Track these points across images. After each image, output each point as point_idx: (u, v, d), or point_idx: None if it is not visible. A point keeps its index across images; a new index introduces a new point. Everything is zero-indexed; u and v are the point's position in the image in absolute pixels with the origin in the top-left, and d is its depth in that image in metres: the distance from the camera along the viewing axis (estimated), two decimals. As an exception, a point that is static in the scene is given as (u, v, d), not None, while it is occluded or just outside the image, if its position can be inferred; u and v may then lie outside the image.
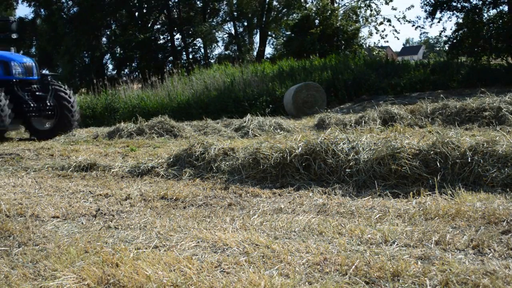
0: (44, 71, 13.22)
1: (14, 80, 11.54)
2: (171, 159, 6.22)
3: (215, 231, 3.50)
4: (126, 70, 36.33)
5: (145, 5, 35.06)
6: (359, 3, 28.74)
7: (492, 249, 2.89)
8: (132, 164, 6.42)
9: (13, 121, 11.29)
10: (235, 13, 36.09)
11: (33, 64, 12.14)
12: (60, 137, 11.57)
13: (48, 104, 11.99)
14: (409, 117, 9.82)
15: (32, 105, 11.62)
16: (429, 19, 21.03)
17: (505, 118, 8.65)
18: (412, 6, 27.98)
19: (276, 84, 16.92)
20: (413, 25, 22.70)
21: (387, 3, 28.62)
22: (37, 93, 11.99)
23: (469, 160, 4.54)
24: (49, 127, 12.20)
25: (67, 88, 12.63)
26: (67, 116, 12.23)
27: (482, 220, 3.42)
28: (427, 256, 2.84)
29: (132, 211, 4.33)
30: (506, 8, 19.52)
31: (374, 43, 32.95)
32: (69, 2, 35.28)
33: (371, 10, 28.52)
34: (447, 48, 20.83)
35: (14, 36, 13.62)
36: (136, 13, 35.54)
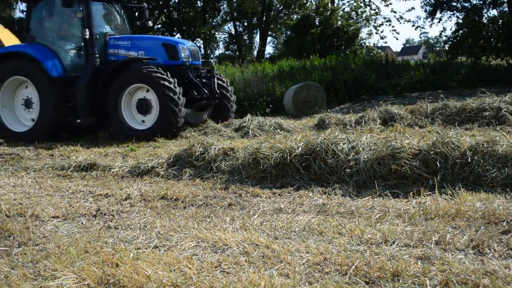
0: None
1: (187, 65, 10.24)
2: (171, 159, 6.22)
3: (215, 231, 3.50)
4: (126, 70, 36.23)
5: (145, 5, 35.05)
6: (358, 2, 28.75)
7: (492, 249, 2.89)
8: (132, 164, 6.42)
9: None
10: (235, 13, 36.10)
11: (197, 48, 10.97)
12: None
13: (218, 92, 10.71)
14: (409, 117, 9.82)
15: (206, 91, 10.34)
16: (429, 19, 21.06)
17: (505, 118, 8.65)
18: (413, 8, 27.95)
19: (276, 84, 16.91)
20: (413, 25, 22.73)
21: (386, 5, 28.63)
22: (203, 80, 10.67)
23: (469, 160, 4.54)
24: (203, 119, 10.75)
25: (224, 77, 11.49)
26: (226, 107, 11.10)
27: (482, 220, 3.43)
28: (427, 256, 2.84)
29: (132, 211, 4.33)
30: (506, 8, 19.53)
31: (374, 43, 32.94)
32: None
33: (371, 9, 28.52)
34: (447, 48, 20.83)
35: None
36: (136, 13, 35.49)
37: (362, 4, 28.73)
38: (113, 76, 9.89)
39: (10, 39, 12.50)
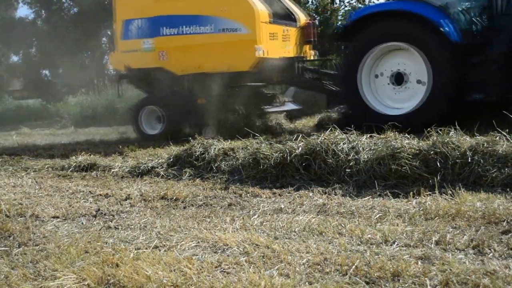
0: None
1: None
2: (171, 159, 6.22)
3: (215, 231, 3.50)
4: (126, 70, 36.24)
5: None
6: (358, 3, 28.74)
7: (492, 249, 2.89)
8: (132, 164, 6.42)
9: None
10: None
11: None
12: None
13: None
14: (409, 117, 9.79)
15: None
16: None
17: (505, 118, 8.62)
18: None
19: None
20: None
21: (387, 4, 28.60)
22: None
23: (469, 160, 4.54)
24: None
25: None
26: None
27: (482, 220, 3.42)
28: (427, 256, 2.83)
29: (132, 211, 4.33)
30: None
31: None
32: (70, 3, 35.25)
33: None
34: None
35: None
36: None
37: (361, 5, 28.71)
38: None
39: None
